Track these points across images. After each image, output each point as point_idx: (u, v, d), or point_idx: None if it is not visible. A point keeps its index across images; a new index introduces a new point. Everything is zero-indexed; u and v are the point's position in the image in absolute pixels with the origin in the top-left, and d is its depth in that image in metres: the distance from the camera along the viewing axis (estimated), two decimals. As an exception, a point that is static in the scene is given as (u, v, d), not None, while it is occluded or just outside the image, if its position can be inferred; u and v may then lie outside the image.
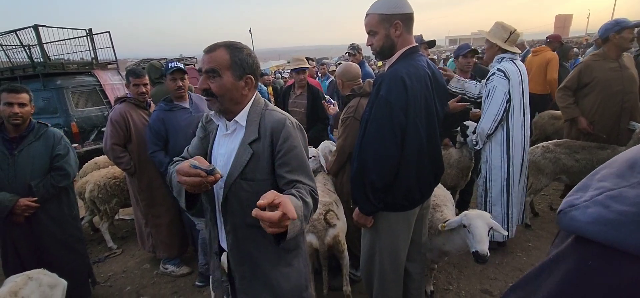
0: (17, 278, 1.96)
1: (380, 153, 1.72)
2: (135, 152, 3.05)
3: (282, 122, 1.38)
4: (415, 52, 1.77)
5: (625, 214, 0.45)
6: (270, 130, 1.36)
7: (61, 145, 2.54)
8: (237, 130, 1.41)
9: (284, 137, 1.36)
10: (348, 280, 2.47)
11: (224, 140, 1.44)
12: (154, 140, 2.87)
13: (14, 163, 2.35)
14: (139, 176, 3.10)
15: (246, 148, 1.36)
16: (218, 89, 1.32)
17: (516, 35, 2.82)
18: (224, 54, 1.31)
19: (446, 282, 2.87)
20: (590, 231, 0.48)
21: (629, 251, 0.43)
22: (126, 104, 3.07)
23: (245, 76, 1.36)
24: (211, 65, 1.30)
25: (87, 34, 7.33)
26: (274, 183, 1.39)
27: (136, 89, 3.04)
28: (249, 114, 1.40)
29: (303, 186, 1.34)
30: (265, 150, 1.36)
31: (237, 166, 1.36)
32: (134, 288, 3.16)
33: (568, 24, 32.94)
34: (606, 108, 3.30)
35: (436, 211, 2.34)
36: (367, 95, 2.81)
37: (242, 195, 1.37)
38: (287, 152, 1.35)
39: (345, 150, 2.72)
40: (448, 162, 3.30)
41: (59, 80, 6.28)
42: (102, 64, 7.40)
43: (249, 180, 1.36)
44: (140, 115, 3.11)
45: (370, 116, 1.75)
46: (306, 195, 1.30)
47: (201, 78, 1.33)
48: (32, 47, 6.61)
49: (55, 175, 2.48)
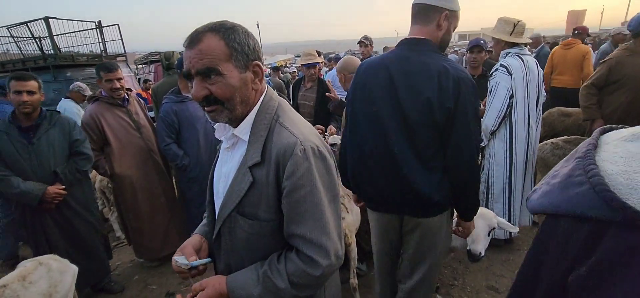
0: (28, 263, 2.00)
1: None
2: (116, 154, 2.90)
3: (291, 148, 0.96)
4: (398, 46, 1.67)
5: (555, 185, 0.63)
6: (275, 157, 0.97)
7: (76, 130, 2.58)
8: (238, 143, 1.07)
9: (290, 170, 0.95)
10: (355, 273, 2.49)
11: (227, 156, 1.10)
12: (167, 133, 2.90)
13: (35, 152, 2.39)
14: (118, 179, 2.98)
15: (245, 172, 0.99)
16: (224, 91, 0.95)
17: (521, 26, 2.77)
18: (215, 42, 0.93)
19: (451, 277, 2.86)
20: (537, 205, 0.65)
21: (558, 212, 0.61)
22: (98, 104, 2.86)
23: (251, 63, 0.99)
24: (204, 62, 0.92)
25: (97, 26, 7.41)
26: (283, 225, 1.03)
27: (109, 84, 2.80)
28: (255, 122, 1.02)
29: (297, 243, 0.99)
30: (271, 182, 0.98)
31: (234, 195, 1.01)
32: (142, 278, 3.20)
33: (581, 19, 32.42)
34: (634, 106, 3.13)
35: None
36: None
37: (239, 234, 1.04)
38: (290, 193, 0.96)
39: None
40: None
41: (69, 72, 6.38)
42: (111, 57, 7.47)
43: (248, 217, 1.01)
44: (116, 114, 2.90)
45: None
46: (275, 274, 0.98)
47: (195, 83, 0.95)
48: (43, 39, 6.69)
49: (78, 160, 2.55)
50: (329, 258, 0.99)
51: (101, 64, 2.87)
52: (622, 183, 0.54)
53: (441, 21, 1.54)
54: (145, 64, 13.11)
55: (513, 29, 2.78)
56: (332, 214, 1.02)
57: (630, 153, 0.56)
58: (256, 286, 0.99)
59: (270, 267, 1.00)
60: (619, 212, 0.51)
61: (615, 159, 0.57)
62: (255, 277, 1.00)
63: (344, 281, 2.51)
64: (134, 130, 3.00)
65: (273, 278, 0.98)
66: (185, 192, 3.14)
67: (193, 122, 2.95)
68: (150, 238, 3.16)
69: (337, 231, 1.04)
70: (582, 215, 0.56)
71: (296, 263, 0.99)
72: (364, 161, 1.71)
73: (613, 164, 0.57)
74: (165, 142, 2.91)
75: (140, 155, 3.03)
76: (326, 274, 1.01)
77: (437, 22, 1.54)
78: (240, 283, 1.02)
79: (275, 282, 0.98)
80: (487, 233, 1.99)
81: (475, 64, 3.46)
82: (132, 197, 3.03)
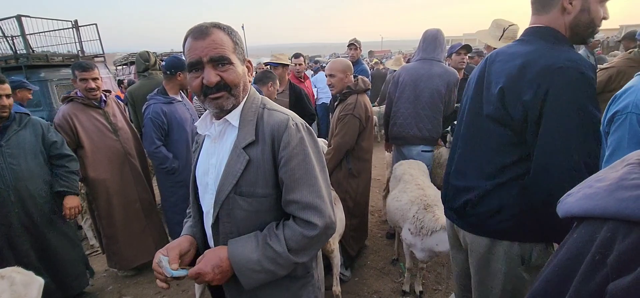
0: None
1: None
2: (90, 157, 2.78)
3: (284, 124, 1.08)
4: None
5: (602, 188, 0.58)
6: (270, 134, 1.09)
7: (52, 132, 2.49)
8: (226, 131, 1.15)
9: (286, 141, 1.07)
10: (338, 280, 2.44)
11: (213, 148, 1.17)
12: (157, 135, 2.82)
13: (3, 155, 2.28)
14: (92, 184, 2.84)
15: (240, 154, 1.08)
16: (234, 78, 1.06)
17: (512, 30, 2.79)
18: (223, 35, 1.05)
19: (435, 281, 2.85)
20: (577, 207, 0.61)
21: (602, 215, 0.57)
22: (72, 104, 2.74)
23: (246, 61, 1.14)
24: (219, 52, 1.02)
25: (73, 26, 7.16)
26: (280, 199, 1.12)
27: (83, 84, 2.68)
28: (243, 110, 1.13)
29: (293, 209, 1.09)
30: (266, 158, 1.09)
31: (230, 177, 1.09)
32: (116, 288, 3.07)
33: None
34: None
35: (428, 211, 2.31)
36: (363, 92, 2.76)
37: (238, 214, 1.11)
38: (287, 163, 1.07)
39: (343, 148, 2.68)
40: (438, 162, 3.31)
41: (43, 72, 6.12)
42: (88, 57, 7.23)
43: (246, 195, 1.09)
44: (91, 116, 2.78)
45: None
46: (273, 239, 1.07)
47: (207, 70, 1.02)
48: (15, 38, 6.41)
49: (65, 162, 2.47)
50: (324, 218, 1.08)
51: (76, 63, 2.75)
52: None
53: (566, 3, 1.26)
54: (125, 65, 12.77)
55: (502, 34, 2.80)
56: (324, 181, 1.13)
57: None
58: (255, 251, 1.06)
59: (269, 233, 1.09)
60: None
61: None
62: (255, 242, 1.08)
63: (327, 288, 2.46)
64: (111, 132, 2.88)
65: (271, 243, 1.06)
66: (169, 197, 3.05)
67: (182, 124, 2.91)
68: (125, 246, 3.03)
69: (328, 197, 1.13)
70: (636, 219, 0.52)
71: (293, 228, 1.08)
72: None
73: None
74: (154, 145, 2.82)
75: (116, 158, 2.90)
76: (321, 236, 1.09)
77: (560, 5, 1.27)
78: (240, 248, 1.08)
79: (273, 246, 1.06)
80: None
81: (461, 65, 3.49)
82: (107, 202, 2.91)
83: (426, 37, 3.02)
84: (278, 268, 1.08)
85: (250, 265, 1.05)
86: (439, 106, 2.99)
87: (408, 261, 2.61)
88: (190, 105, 3.11)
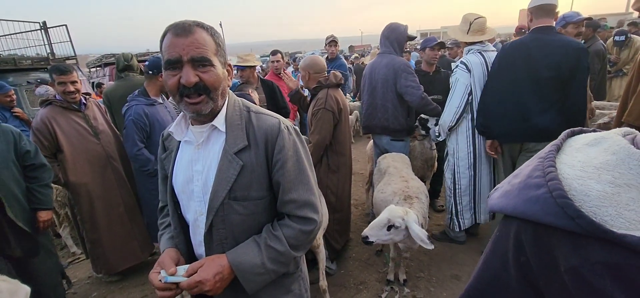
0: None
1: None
2: (70, 161, 2.74)
3: (276, 128, 1.09)
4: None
5: (515, 185, 0.60)
6: (263, 138, 1.08)
7: (24, 141, 2.37)
8: (211, 137, 1.11)
9: (280, 145, 1.08)
10: (324, 275, 2.48)
11: (197, 154, 1.11)
12: (140, 137, 2.80)
13: None
14: (73, 188, 2.81)
15: (232, 159, 1.06)
16: (214, 80, 1.01)
17: (478, 23, 2.82)
18: (205, 35, 1.00)
19: (418, 269, 2.95)
20: (496, 204, 0.64)
21: (512, 214, 0.59)
22: (51, 108, 2.70)
23: (226, 64, 1.10)
24: (201, 52, 0.97)
25: (41, 28, 6.89)
26: (274, 201, 1.14)
27: (62, 87, 2.65)
28: (227, 114, 1.10)
29: (291, 208, 1.12)
30: (260, 162, 1.08)
31: (223, 183, 1.06)
32: (101, 294, 3.02)
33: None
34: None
35: (406, 202, 2.39)
36: (334, 87, 2.80)
37: (234, 219, 1.09)
38: (282, 166, 1.09)
39: (322, 143, 2.70)
40: (413, 154, 3.46)
41: (11, 77, 5.86)
42: (59, 59, 6.97)
43: (241, 199, 1.08)
44: (71, 119, 2.75)
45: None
46: (274, 240, 1.09)
47: (186, 70, 0.97)
48: (-21, 41, 6.13)
49: (38, 174, 2.36)
50: (318, 213, 1.16)
51: (54, 67, 2.70)
52: (576, 188, 0.51)
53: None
54: (98, 67, 12.33)
55: (469, 28, 2.87)
56: (313, 178, 1.19)
57: (589, 157, 0.53)
58: (258, 255, 1.07)
59: (269, 236, 1.10)
60: (573, 220, 0.49)
61: (574, 163, 0.55)
62: (256, 247, 1.09)
63: (313, 282, 2.51)
64: (92, 136, 2.84)
65: (273, 245, 1.09)
66: (151, 200, 3.01)
67: (164, 126, 2.89)
68: (109, 251, 2.99)
69: (317, 192, 1.21)
70: (537, 221, 0.53)
71: (292, 226, 1.12)
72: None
73: (570, 168, 0.54)
74: (136, 147, 2.79)
75: (97, 162, 2.87)
76: (315, 230, 1.16)
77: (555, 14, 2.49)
78: (242, 255, 1.08)
79: (276, 247, 1.09)
80: (384, 226, 2.08)
81: (434, 60, 3.59)
82: (89, 206, 2.86)
83: (381, 32, 3.21)
84: (280, 267, 1.12)
85: (255, 269, 1.07)
86: (392, 95, 3.09)
87: (392, 251, 2.70)
88: (170, 108, 3.09)
